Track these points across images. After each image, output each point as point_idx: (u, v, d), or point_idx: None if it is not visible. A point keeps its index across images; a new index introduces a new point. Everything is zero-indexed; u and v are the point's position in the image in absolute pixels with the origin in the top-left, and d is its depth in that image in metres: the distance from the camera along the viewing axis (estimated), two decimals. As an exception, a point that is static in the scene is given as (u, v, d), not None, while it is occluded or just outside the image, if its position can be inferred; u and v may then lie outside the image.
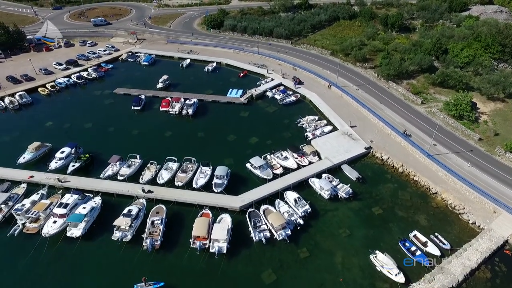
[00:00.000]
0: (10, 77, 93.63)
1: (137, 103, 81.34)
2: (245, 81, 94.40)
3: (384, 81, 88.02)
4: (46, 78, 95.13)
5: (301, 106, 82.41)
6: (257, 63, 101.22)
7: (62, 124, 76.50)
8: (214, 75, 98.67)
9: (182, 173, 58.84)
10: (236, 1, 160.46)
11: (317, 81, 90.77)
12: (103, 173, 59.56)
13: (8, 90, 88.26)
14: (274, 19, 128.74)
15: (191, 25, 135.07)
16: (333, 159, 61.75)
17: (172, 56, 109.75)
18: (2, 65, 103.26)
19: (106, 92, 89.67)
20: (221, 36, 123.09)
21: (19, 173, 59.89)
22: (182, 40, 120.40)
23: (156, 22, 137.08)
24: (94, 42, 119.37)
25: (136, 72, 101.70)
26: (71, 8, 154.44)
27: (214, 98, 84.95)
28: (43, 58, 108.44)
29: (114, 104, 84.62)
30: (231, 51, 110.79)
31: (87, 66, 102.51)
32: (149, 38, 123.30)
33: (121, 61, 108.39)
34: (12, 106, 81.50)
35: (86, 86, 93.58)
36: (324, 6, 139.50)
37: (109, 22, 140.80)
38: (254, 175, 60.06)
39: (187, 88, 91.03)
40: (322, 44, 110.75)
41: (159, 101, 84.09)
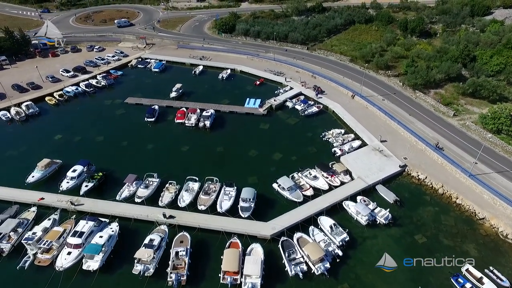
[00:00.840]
0: (16, 86, 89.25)
1: (150, 114, 76.84)
2: (262, 90, 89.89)
3: (411, 90, 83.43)
4: (54, 86, 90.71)
5: (324, 117, 77.82)
6: (274, 70, 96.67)
7: (72, 137, 72.04)
8: (229, 83, 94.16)
9: (204, 195, 54.30)
10: (246, 4, 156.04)
11: (339, 90, 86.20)
12: (119, 195, 55.08)
13: (14, 99, 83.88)
14: (287, 23, 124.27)
15: (201, 29, 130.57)
16: (366, 178, 57.19)
17: (183, 63, 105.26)
18: (7, 72, 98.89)
19: (117, 102, 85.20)
20: (233, 41, 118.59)
21: (28, 194, 55.44)
22: (193, 45, 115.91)
23: (165, 26, 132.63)
24: (102, 47, 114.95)
25: (147, 79, 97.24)
26: (77, 11, 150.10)
27: (231, 108, 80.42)
28: (50, 65, 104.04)
29: (126, 115, 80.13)
30: (245, 57, 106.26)
31: (95, 73, 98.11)
32: (158, 43, 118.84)
33: (130, 67, 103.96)
34: (18, 117, 77.09)
35: (96, 95, 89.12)
36: (338, 9, 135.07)
37: (131, 23, 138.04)
38: (282, 197, 55.56)
39: (201, 97, 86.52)
40: (340, 50, 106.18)
41: (174, 112, 79.69)
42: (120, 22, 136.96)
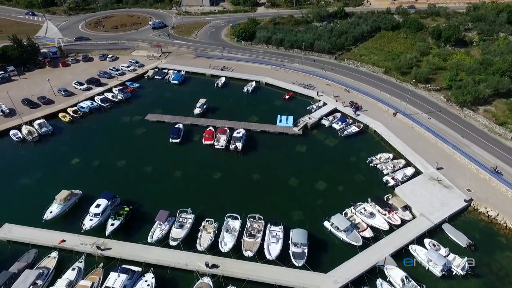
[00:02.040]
0: (26, 100, 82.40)
1: (175, 134, 69.94)
2: (292, 105, 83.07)
3: (457, 107, 76.59)
4: (67, 101, 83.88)
5: (366, 138, 71.04)
6: (303, 82, 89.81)
7: (91, 162, 65.21)
8: (255, 97, 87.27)
9: (249, 237, 47.46)
10: (262, 8, 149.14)
11: (378, 107, 79.35)
12: (150, 236, 48.27)
13: (25, 116, 77.05)
14: (310, 30, 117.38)
15: (219, 36, 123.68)
16: (430, 216, 50.37)
17: (203, 73, 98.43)
18: (16, 85, 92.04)
19: (136, 119, 78.36)
20: (254, 50, 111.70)
21: (47, 235, 48.63)
22: (212, 54, 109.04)
23: (179, 32, 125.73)
24: (115, 56, 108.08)
25: (166, 92, 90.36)
26: (86, 16, 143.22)
27: (262, 127, 73.55)
28: (60, 76, 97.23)
29: (148, 135, 73.30)
30: (268, 68, 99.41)
31: (110, 85, 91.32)
32: (174, 52, 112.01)
33: (147, 78, 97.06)
34: (31, 137, 70.20)
35: (112, 110, 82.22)
36: (362, 15, 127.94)
37: (165, 24, 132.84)
38: (337, 238, 48.78)
39: (227, 113, 79.70)
40: (371, 60, 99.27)
41: (199, 131, 73.03)
42: (155, 23, 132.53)
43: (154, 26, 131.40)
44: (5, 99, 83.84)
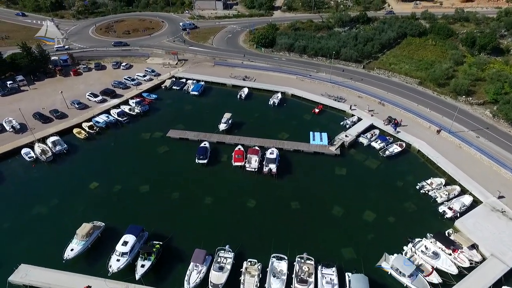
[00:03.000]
0: (37, 114, 76.63)
1: (202, 154, 64.05)
2: (323, 120, 77.23)
3: (505, 124, 70.59)
4: (81, 115, 78.10)
5: (410, 159, 65.08)
6: (333, 94, 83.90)
7: (111, 186, 59.40)
8: (282, 111, 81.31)
9: (300, 284, 41.56)
10: (279, 12, 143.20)
11: (417, 122, 73.39)
12: (187, 281, 42.40)
13: (38, 132, 71.28)
14: (334, 36, 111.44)
15: (236, 42, 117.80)
16: (503, 257, 44.43)
17: (224, 83, 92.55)
18: (26, 96, 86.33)
19: (157, 135, 72.53)
20: (275, 57, 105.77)
21: (70, 279, 42.81)
22: (231, 62, 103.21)
23: (195, 38, 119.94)
24: (129, 64, 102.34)
25: (185, 104, 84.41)
26: (95, 20, 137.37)
27: (296, 146, 67.61)
28: (72, 86, 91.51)
29: (171, 154, 67.45)
30: (293, 78, 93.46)
31: (126, 96, 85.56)
32: (191, 59, 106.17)
33: (164, 89, 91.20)
34: (45, 157, 64.38)
35: (130, 125, 76.40)
36: (386, 20, 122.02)
37: (196, 25, 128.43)
38: (398, 284, 42.88)
39: (254, 129, 73.89)
40: (404, 70, 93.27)
41: (227, 150, 67.29)
42: (185, 24, 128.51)
43: (185, 27, 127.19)
44: (15, 112, 78.45)
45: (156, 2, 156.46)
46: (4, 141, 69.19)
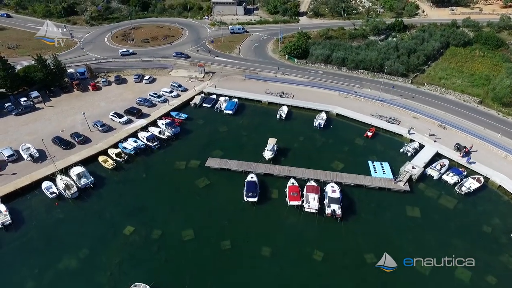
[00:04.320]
0: (57, 139, 68.01)
1: (253, 191, 55.36)
2: (379, 145, 68.64)
3: None
4: (105, 139, 69.49)
5: (491, 197, 56.37)
6: (384, 115, 75.22)
7: (149, 231, 50.82)
8: (330, 133, 72.61)
9: None
10: (305, 18, 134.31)
11: (489, 150, 64.71)
12: None
13: (59, 160, 62.71)
14: (372, 46, 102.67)
15: (264, 51, 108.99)
16: None
17: (259, 100, 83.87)
18: (42, 115, 77.73)
19: (194, 164, 63.91)
20: (311, 70, 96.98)
21: None
22: (263, 75, 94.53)
23: (219, 47, 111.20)
24: (152, 77, 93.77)
25: (220, 125, 75.63)
26: (110, 26, 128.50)
27: (357, 180, 58.83)
28: (92, 103, 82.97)
29: (213, 189, 58.79)
30: (336, 94, 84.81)
31: (154, 116, 77.00)
32: (218, 71, 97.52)
33: (193, 106, 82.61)
34: (69, 193, 55.83)
35: (161, 151, 67.79)
36: (424, 28, 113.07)
37: (246, 30, 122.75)
38: None
39: (303, 157, 65.37)
40: (454, 85, 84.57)
41: (276, 183, 58.89)
42: (234, 28, 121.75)
43: (233, 31, 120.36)
44: (31, 136, 70.40)
45: (173, 7, 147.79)
46: (21, 172, 60.70)
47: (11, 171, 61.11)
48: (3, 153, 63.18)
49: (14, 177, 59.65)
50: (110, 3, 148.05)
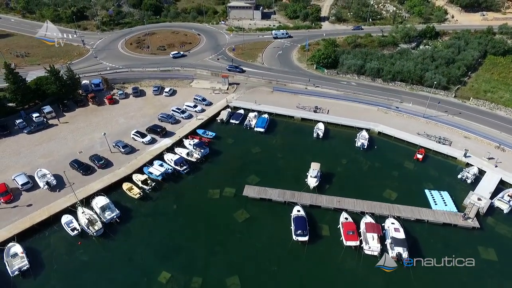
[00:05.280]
0: (75, 163, 61.14)
1: (301, 228, 48.52)
2: (432, 170, 61.92)
3: None
4: (128, 162, 62.72)
5: None
6: (432, 134, 68.45)
7: (188, 279, 44.03)
8: (374, 155, 65.69)
9: None
10: (327, 24, 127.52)
11: (559, 177, 57.99)
12: None
13: (78, 189, 55.88)
14: (405, 55, 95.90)
15: (289, 60, 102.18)
16: None
17: (291, 116, 77.16)
18: (56, 133, 70.95)
19: (229, 193, 57.16)
20: (342, 81, 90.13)
21: None
22: (292, 87, 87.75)
23: (241, 55, 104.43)
24: (172, 88, 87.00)
25: (252, 145, 68.84)
26: (123, 32, 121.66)
27: (417, 213, 51.92)
28: (110, 119, 76.28)
29: (255, 224, 52.02)
30: (374, 109, 78.08)
31: (179, 135, 70.24)
32: (242, 82, 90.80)
33: (220, 122, 75.92)
34: (93, 230, 49.12)
35: (191, 177, 61.09)
36: (460, 35, 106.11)
37: (290, 35, 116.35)
38: None
39: (349, 184, 58.91)
40: (502, 99, 77.84)
41: (326, 217, 52.39)
42: (277, 33, 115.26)
43: (276, 36, 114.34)
44: (46, 158, 63.92)
45: (186, 11, 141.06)
46: (38, 203, 53.97)
47: (26, 202, 54.44)
48: (17, 180, 56.52)
49: (30, 209, 52.95)
50: (121, 7, 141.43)
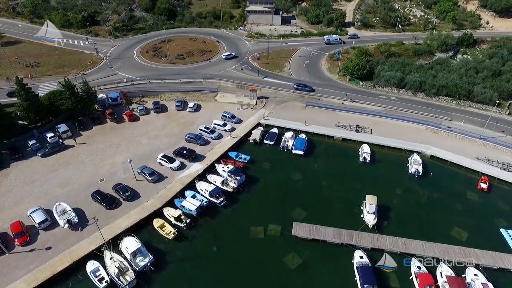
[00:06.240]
0: (98, 194, 53.94)
1: (370, 282, 41.43)
2: (502, 203, 54.93)
3: None
4: (158, 193, 55.57)
5: None
6: (494, 159, 61.30)
7: None
8: (432, 184, 58.47)
9: None
10: (353, 30, 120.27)
11: None
12: None
13: (103, 227, 48.63)
14: (444, 65, 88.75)
15: (319, 70, 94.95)
16: None
17: (330, 136, 70.00)
18: (73, 156, 63.63)
19: (274, 231, 50.07)
20: (381, 96, 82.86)
21: None
22: (327, 102, 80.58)
23: (265, 64, 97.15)
24: (196, 103, 79.86)
25: (292, 172, 61.62)
26: (136, 38, 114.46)
27: (500, 261, 44.85)
28: (131, 139, 69.12)
29: (310, 272, 44.89)
30: (422, 128, 70.96)
31: (210, 159, 63.16)
32: (271, 96, 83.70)
33: (253, 143, 68.79)
34: (125, 282, 41.97)
35: (229, 210, 53.97)
36: (501, 44, 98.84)
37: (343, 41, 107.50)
38: None
39: (411, 221, 51.85)
40: None
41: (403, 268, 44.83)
42: (330, 39, 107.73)
43: (329, 42, 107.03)
44: (64, 187, 57.17)
45: (201, 16, 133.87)
46: (58, 246, 46.95)
47: (44, 243, 47.41)
48: (33, 217, 49.43)
49: (50, 253, 45.93)
50: (133, 12, 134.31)
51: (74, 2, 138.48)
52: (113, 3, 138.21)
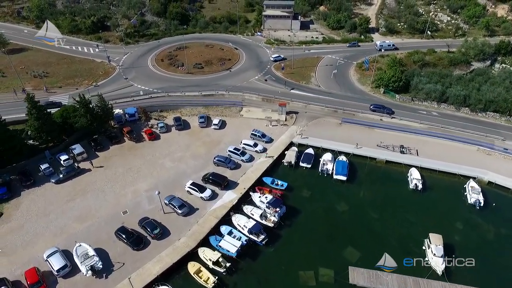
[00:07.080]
0: (122, 232, 47.30)
1: None
2: None
3: None
4: (189, 229, 49.06)
5: None
6: None
7: None
8: (496, 217, 52.06)
9: None
10: (378, 36, 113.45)
11: None
12: None
13: (131, 274, 42.34)
14: (488, 78, 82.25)
15: (348, 80, 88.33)
16: None
17: (373, 158, 63.46)
18: (90, 183, 57.04)
19: (326, 278, 43.73)
20: (421, 111, 76.20)
21: None
22: (364, 118, 73.95)
23: (290, 74, 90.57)
24: (221, 119, 73.36)
25: (335, 201, 55.21)
26: (149, 45, 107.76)
27: None
28: (154, 161, 62.54)
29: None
30: (473, 149, 64.46)
31: (244, 186, 56.65)
32: (301, 111, 77.14)
33: (288, 166, 62.19)
34: None
35: (271, 250, 47.48)
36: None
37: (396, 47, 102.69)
38: None
39: (483, 266, 44.94)
40: None
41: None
42: (383, 44, 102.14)
43: (381, 48, 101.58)
44: (83, 222, 51.11)
45: (215, 20, 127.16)
46: (81, 299, 40.61)
47: (64, 296, 41.03)
48: (51, 262, 42.86)
49: (72, 309, 39.58)
50: (144, 16, 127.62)
51: (82, 6, 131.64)
52: (122, 7, 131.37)
